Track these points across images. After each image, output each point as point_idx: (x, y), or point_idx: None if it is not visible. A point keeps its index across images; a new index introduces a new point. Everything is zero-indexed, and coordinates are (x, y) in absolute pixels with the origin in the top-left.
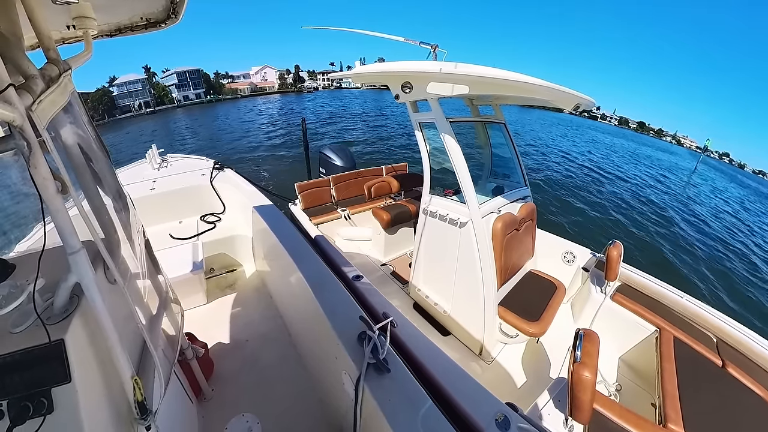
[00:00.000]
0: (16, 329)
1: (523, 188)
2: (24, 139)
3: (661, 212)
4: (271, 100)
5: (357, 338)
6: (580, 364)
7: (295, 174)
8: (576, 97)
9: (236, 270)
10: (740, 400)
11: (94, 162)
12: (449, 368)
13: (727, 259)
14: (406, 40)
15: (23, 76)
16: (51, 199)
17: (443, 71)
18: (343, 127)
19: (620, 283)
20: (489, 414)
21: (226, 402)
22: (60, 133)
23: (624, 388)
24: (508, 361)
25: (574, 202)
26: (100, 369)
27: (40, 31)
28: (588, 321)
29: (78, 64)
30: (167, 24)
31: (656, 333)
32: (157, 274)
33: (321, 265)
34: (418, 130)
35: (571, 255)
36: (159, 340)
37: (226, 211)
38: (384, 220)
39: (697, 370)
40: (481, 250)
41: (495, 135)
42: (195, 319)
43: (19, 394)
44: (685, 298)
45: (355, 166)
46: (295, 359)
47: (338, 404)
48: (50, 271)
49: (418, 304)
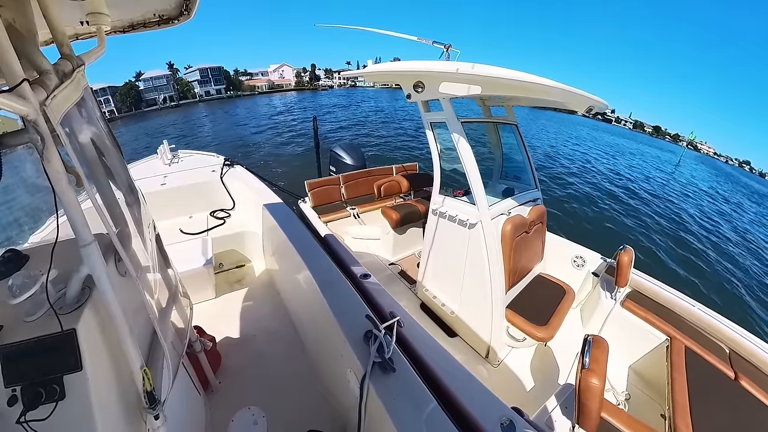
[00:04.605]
0: (30, 318)
1: (533, 190)
2: (38, 133)
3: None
4: (287, 97)
5: (363, 337)
6: (588, 371)
7: (305, 171)
8: (589, 99)
9: (245, 266)
10: (754, 415)
11: (106, 156)
12: (455, 370)
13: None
14: (419, 39)
15: (37, 72)
16: (64, 192)
17: (460, 71)
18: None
19: (631, 289)
20: (494, 418)
21: (233, 395)
22: (73, 128)
23: (633, 397)
24: (515, 365)
25: (582, 207)
26: (110, 358)
27: (54, 27)
28: (597, 327)
29: (91, 59)
30: (180, 21)
31: (667, 342)
32: (167, 267)
33: (329, 263)
34: (429, 130)
35: (581, 259)
36: (168, 332)
37: (236, 207)
38: (393, 220)
39: (709, 381)
40: (489, 252)
41: (506, 136)
42: (203, 313)
43: (33, 381)
44: (698, 307)
45: (366, 165)
46: (301, 355)
47: (343, 401)
48: (63, 262)
49: (425, 304)
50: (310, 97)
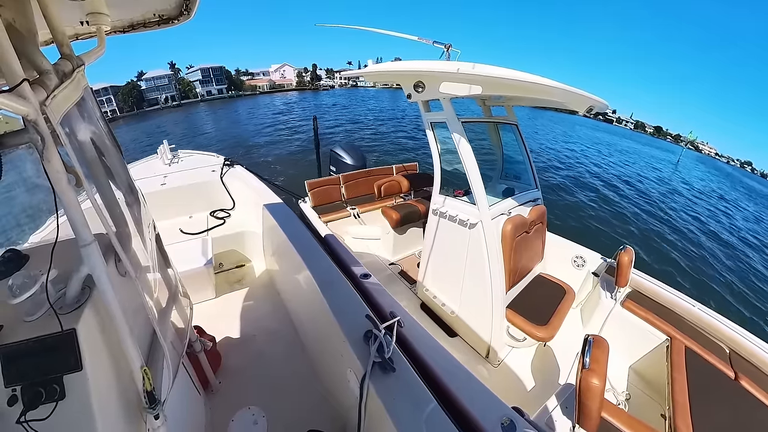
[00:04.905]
0: (30, 318)
1: (533, 190)
2: (38, 133)
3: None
4: (289, 97)
5: (363, 337)
6: (588, 371)
7: (305, 171)
8: (589, 99)
9: (245, 266)
10: (754, 415)
11: (106, 156)
12: (455, 370)
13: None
14: (420, 39)
15: (37, 71)
16: (64, 192)
17: (461, 71)
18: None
19: (631, 289)
20: (495, 418)
21: (233, 395)
22: (73, 128)
23: (633, 397)
24: (516, 365)
25: (582, 205)
26: (110, 358)
27: (54, 27)
28: (597, 327)
29: (91, 59)
30: (180, 21)
31: (667, 342)
32: (167, 267)
33: (329, 263)
34: (429, 130)
35: (582, 259)
36: (168, 332)
37: (236, 207)
38: (393, 220)
39: (709, 381)
40: (490, 252)
41: (507, 136)
42: (203, 313)
43: (33, 380)
44: (698, 306)
45: (366, 165)
46: (301, 355)
47: (343, 401)
48: (63, 262)
49: (425, 304)
50: (312, 96)
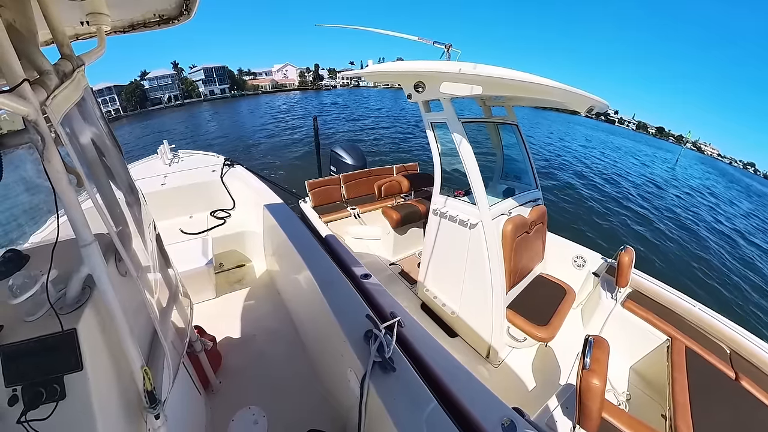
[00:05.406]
0: (30, 318)
1: (534, 190)
2: (38, 133)
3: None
4: (291, 97)
5: (363, 336)
6: (589, 372)
7: (306, 171)
8: (589, 100)
9: (245, 266)
10: (754, 415)
11: (107, 157)
12: (456, 370)
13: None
14: (420, 39)
15: (37, 72)
16: (64, 192)
17: (462, 71)
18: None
19: (631, 289)
20: (495, 418)
21: (233, 394)
22: (73, 128)
23: (633, 397)
24: (516, 365)
25: (581, 205)
26: (111, 358)
27: (54, 27)
28: (598, 327)
29: (91, 59)
30: (180, 21)
31: (668, 342)
32: (167, 267)
33: (329, 263)
34: (429, 130)
35: (582, 259)
36: (168, 332)
37: (236, 207)
38: (394, 220)
39: (710, 381)
40: (490, 252)
41: (507, 136)
42: (204, 313)
43: (33, 380)
44: (698, 307)
45: (366, 165)
46: (301, 355)
47: (343, 401)
48: (63, 262)
49: (425, 304)
50: (314, 96)
